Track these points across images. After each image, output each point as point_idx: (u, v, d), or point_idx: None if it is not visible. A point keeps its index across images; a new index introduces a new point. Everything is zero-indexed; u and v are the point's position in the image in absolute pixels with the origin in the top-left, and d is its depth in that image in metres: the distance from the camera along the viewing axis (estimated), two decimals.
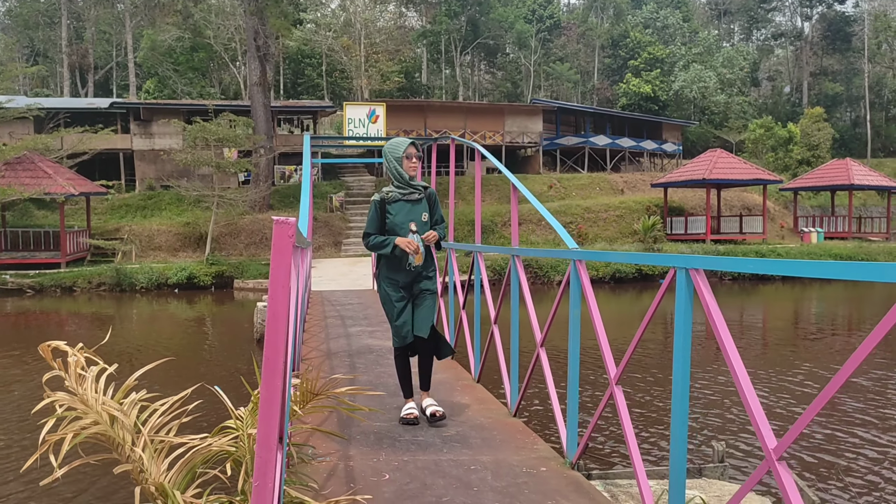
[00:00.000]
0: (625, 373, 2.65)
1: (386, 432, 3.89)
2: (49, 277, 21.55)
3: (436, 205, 4.50)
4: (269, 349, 1.28)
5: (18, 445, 6.02)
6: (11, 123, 28.22)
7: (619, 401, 2.85)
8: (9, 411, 7.56)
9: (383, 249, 4.28)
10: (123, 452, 2.11)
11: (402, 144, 4.37)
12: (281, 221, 1.29)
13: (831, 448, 6.23)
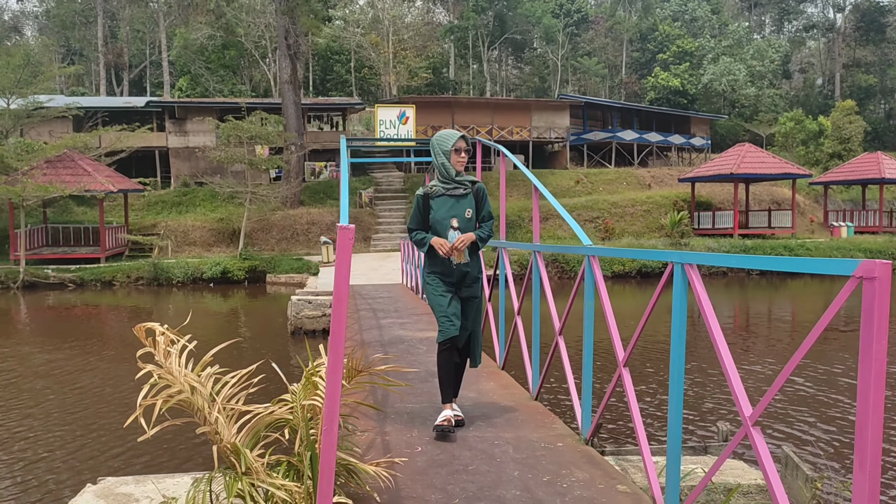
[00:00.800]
0: (644, 364, 2.92)
1: (418, 412, 4.26)
2: (89, 272, 22.26)
3: (483, 200, 4.30)
4: (335, 324, 1.64)
5: (107, 419, 7.22)
6: (51, 122, 29.09)
7: (627, 381, 3.17)
8: (91, 395, 8.44)
9: (421, 247, 4.24)
10: (202, 417, 2.51)
11: (451, 137, 4.18)
12: (343, 227, 1.65)
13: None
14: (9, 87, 24.91)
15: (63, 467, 5.88)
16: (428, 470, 3.22)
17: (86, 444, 6.59)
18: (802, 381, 9.37)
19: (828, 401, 8.22)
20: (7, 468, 5.92)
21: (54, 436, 6.85)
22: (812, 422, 7.25)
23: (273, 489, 2.36)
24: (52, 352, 11.91)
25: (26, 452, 6.31)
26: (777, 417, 7.38)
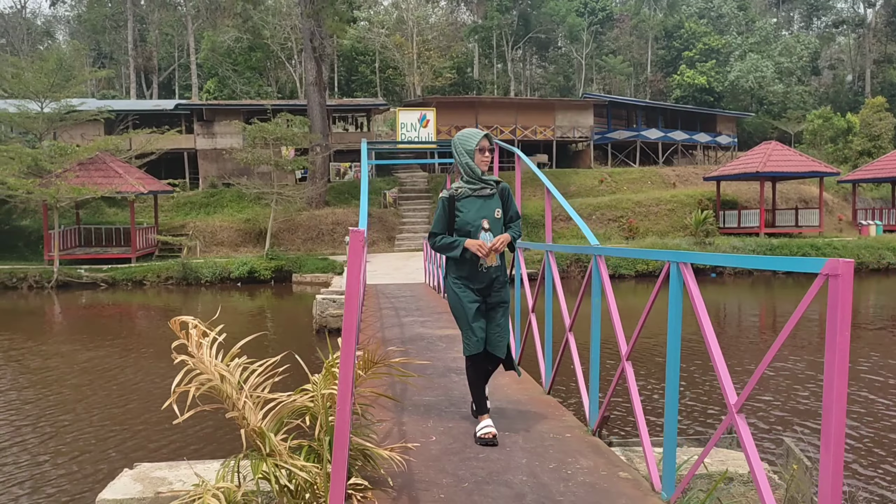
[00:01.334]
0: (653, 360, 3.05)
1: (434, 405, 4.45)
2: (121, 272, 22.77)
3: (509, 200, 4.14)
4: (347, 318, 1.84)
5: (143, 411, 7.80)
6: (83, 125, 29.75)
7: (629, 375, 3.34)
8: (128, 390, 8.99)
9: (452, 252, 3.96)
10: (231, 403, 2.73)
11: (474, 136, 4.02)
12: (355, 231, 1.85)
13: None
14: (42, 91, 25.55)
15: (102, 455, 6.40)
16: (441, 457, 3.42)
17: (123, 433, 7.09)
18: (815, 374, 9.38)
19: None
20: (52, 456, 6.40)
21: (95, 426, 7.35)
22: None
23: (295, 470, 2.58)
24: (93, 349, 12.38)
25: (69, 442, 6.80)
26: (786, 410, 7.47)
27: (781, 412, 7.39)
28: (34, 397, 8.76)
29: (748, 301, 19.96)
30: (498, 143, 8.69)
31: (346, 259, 12.74)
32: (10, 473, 5.96)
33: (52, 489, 5.60)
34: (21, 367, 10.91)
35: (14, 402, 8.50)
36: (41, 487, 5.63)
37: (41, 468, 6.08)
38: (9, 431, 7.23)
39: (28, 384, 9.57)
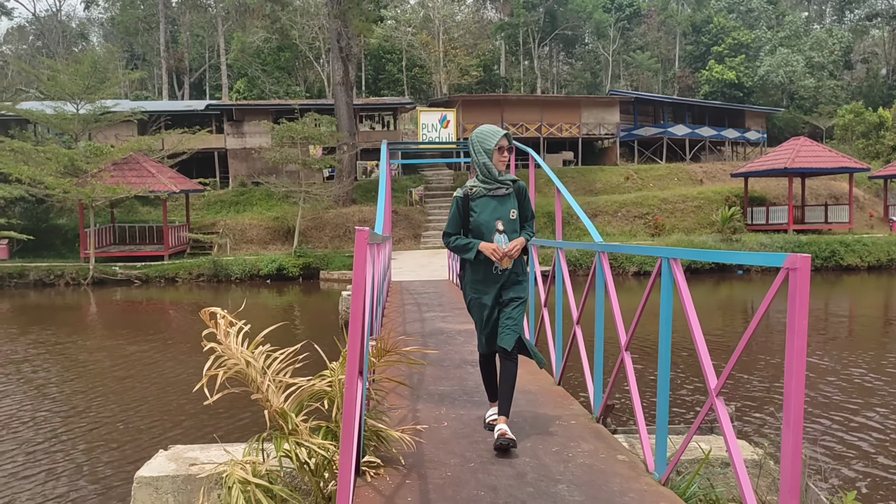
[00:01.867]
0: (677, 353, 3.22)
1: (447, 394, 4.68)
2: (154, 269, 23.37)
3: (525, 200, 4.06)
4: (354, 307, 2.07)
5: (177, 400, 8.47)
6: (117, 126, 30.48)
7: (628, 364, 3.53)
8: (163, 381, 9.67)
9: (466, 254, 3.92)
10: (255, 386, 2.99)
11: (493, 136, 3.92)
12: (361, 230, 2.08)
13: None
14: (78, 93, 26.25)
15: (141, 438, 7.03)
16: (450, 440, 3.65)
17: (162, 420, 7.75)
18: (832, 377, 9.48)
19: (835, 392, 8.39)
20: (96, 439, 7.11)
21: (135, 414, 8.03)
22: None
23: (314, 447, 2.83)
24: (134, 344, 12.98)
25: (113, 427, 7.47)
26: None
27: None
28: (82, 388, 9.36)
29: (779, 299, 19.86)
30: (519, 145, 8.83)
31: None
32: (64, 453, 6.62)
33: (98, 467, 6.24)
34: (68, 359, 11.53)
35: (64, 391, 9.11)
36: (88, 466, 6.29)
37: (89, 450, 6.75)
38: (60, 418, 7.84)
39: (75, 376, 10.15)
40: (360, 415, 2.69)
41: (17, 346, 12.68)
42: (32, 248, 25.18)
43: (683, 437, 3.49)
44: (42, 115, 26.80)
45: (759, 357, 10.79)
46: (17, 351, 12.26)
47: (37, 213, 27.11)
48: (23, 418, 7.90)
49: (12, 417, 7.93)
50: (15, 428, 7.52)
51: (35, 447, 6.82)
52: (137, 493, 3.41)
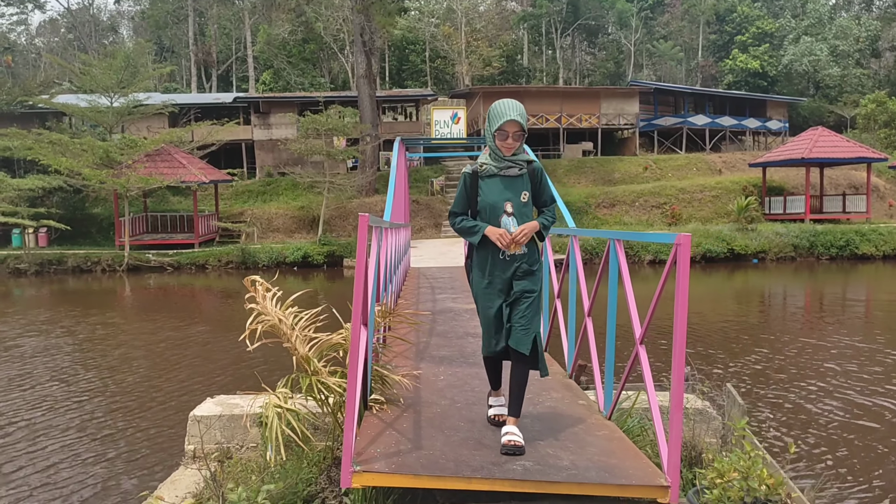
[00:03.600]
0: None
1: (447, 357, 5.39)
2: (185, 256, 24.38)
3: (542, 182, 3.70)
4: (358, 268, 2.83)
5: (220, 363, 10.09)
6: (149, 118, 31.57)
7: (590, 329, 4.25)
8: (206, 350, 10.96)
9: (471, 237, 3.61)
10: (286, 338, 3.77)
11: (498, 116, 3.50)
12: (363, 215, 2.83)
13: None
14: (111, 87, 27.34)
15: (192, 390, 8.70)
16: (444, 388, 4.39)
17: (203, 377, 9.46)
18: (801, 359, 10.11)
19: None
20: (159, 392, 8.85)
21: (187, 375, 9.70)
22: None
23: (330, 383, 3.60)
24: (175, 322, 14.34)
25: (172, 384, 9.25)
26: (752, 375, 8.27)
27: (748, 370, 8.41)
28: (143, 356, 11.24)
29: (795, 287, 20.35)
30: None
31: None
32: (138, 401, 8.41)
33: (162, 409, 8.02)
34: (123, 334, 13.25)
35: (130, 361, 10.82)
36: (155, 407, 8.13)
37: (154, 399, 8.53)
38: (132, 379, 9.64)
39: (137, 347, 11.92)
40: (366, 359, 3.44)
41: (78, 324, 14.02)
42: (69, 236, 26.31)
43: (643, 388, 4.22)
44: (77, 108, 27.95)
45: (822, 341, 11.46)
46: (76, 327, 13.35)
47: (73, 203, 28.25)
48: (100, 375, 9.81)
49: (90, 375, 9.78)
50: (94, 375, 9.75)
51: (111, 395, 8.78)
52: (191, 428, 4.24)
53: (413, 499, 3.10)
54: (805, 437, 6.46)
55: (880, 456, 6.05)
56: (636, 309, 3.39)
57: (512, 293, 3.58)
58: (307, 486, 3.38)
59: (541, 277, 3.70)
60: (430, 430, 3.53)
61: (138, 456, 6.13)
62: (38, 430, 7.06)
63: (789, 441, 3.93)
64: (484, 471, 2.98)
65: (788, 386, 8.42)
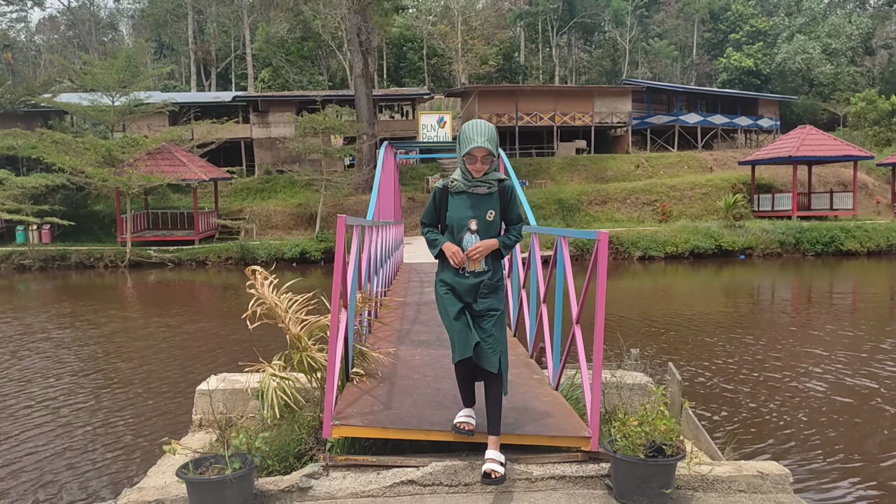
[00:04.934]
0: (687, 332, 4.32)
1: (425, 341, 5.97)
2: (185, 252, 24.97)
3: (511, 201, 3.72)
4: (337, 258, 3.46)
5: (223, 348, 10.86)
6: (150, 117, 32.14)
7: (544, 314, 4.86)
8: (208, 338, 11.70)
9: (431, 249, 3.75)
10: (280, 319, 4.38)
11: (470, 141, 3.52)
12: (341, 216, 3.45)
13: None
14: (112, 86, 27.90)
15: (199, 368, 9.60)
16: (418, 366, 4.99)
17: (206, 359, 10.36)
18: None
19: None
20: (169, 371, 9.83)
21: (194, 358, 10.62)
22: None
23: (318, 357, 4.21)
24: (180, 314, 15.10)
25: (180, 365, 10.20)
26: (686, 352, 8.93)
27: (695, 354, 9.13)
28: (158, 343, 12.15)
29: (782, 282, 20.92)
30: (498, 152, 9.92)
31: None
32: (147, 379, 9.44)
33: (170, 386, 8.91)
34: (129, 323, 14.16)
35: (143, 349, 11.67)
36: (165, 384, 9.05)
37: (165, 375, 9.57)
38: (147, 358, 10.70)
39: (153, 336, 12.78)
40: (346, 336, 4.05)
41: (91, 316, 14.82)
42: (72, 232, 26.88)
43: (609, 369, 4.86)
44: (80, 107, 28.52)
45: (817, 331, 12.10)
46: (87, 319, 13.99)
47: (76, 200, 28.81)
48: (109, 359, 10.85)
49: (105, 356, 10.97)
50: (109, 360, 10.78)
51: (122, 372, 9.93)
52: (198, 401, 4.86)
53: (384, 449, 3.73)
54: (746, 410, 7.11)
55: (822, 422, 6.69)
56: (574, 295, 4.01)
57: (477, 307, 3.64)
58: (297, 444, 4.00)
59: (503, 296, 3.76)
60: (401, 395, 4.15)
61: (149, 426, 7.03)
62: (65, 401, 8.24)
63: (684, 400, 4.51)
64: (441, 425, 3.61)
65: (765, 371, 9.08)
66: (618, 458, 3.25)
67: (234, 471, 3.12)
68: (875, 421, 6.98)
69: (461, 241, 3.65)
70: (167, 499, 3.28)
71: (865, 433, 6.62)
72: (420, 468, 3.43)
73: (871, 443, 6.32)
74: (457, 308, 3.64)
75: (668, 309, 15.20)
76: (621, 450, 3.27)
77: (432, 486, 3.37)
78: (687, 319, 13.49)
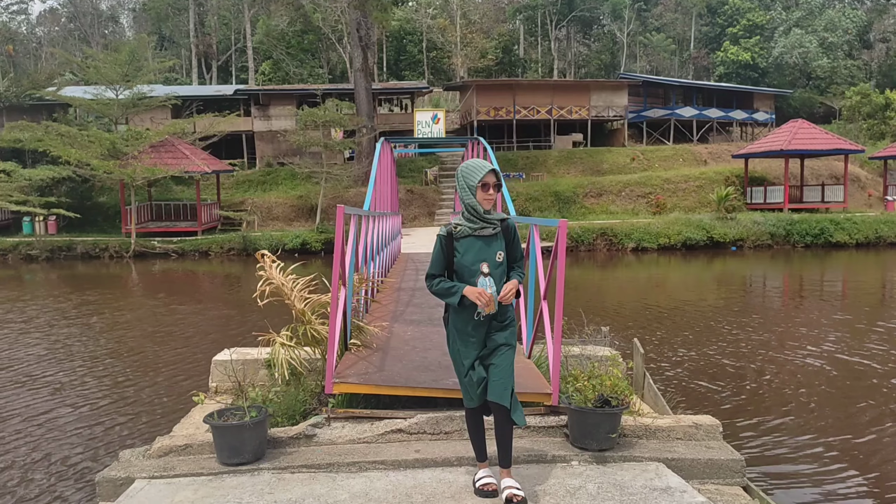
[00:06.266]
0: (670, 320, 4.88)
1: (417, 320, 6.58)
2: (189, 243, 25.52)
3: (515, 239, 3.79)
4: (336, 247, 4.04)
5: (233, 328, 10.89)
6: (153, 110, 32.68)
7: (545, 309, 5.45)
8: (218, 321, 12.30)
9: (450, 298, 3.66)
10: (286, 297, 4.97)
11: (478, 170, 3.65)
12: (340, 206, 4.03)
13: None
14: (117, 81, 28.43)
15: (211, 346, 10.00)
16: (409, 340, 5.60)
17: (219, 336, 11.29)
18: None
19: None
20: (187, 347, 10.72)
21: (211, 337, 11.42)
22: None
23: (319, 329, 4.82)
24: (191, 301, 15.73)
25: (197, 343, 11.06)
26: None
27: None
28: (173, 323, 13.04)
29: (773, 272, 21.48)
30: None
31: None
32: (173, 351, 10.44)
33: (190, 361, 9.63)
34: (144, 310, 14.88)
35: (167, 327, 12.60)
36: (184, 358, 9.93)
37: (184, 349, 10.52)
38: (171, 337, 11.61)
39: (172, 322, 13.43)
40: (345, 309, 4.66)
41: (118, 303, 15.35)
42: (77, 224, 27.45)
43: (573, 342, 5.47)
44: (84, 101, 29.05)
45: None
46: (102, 306, 14.63)
47: (81, 192, 29.34)
48: (134, 336, 11.85)
49: (126, 337, 11.79)
50: (146, 340, 11.60)
51: (146, 347, 10.93)
52: (214, 370, 5.48)
53: (377, 404, 4.34)
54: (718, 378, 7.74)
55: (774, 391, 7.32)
56: (543, 274, 4.61)
57: (489, 345, 3.68)
58: (303, 405, 4.60)
59: (514, 332, 3.80)
60: (393, 361, 4.77)
61: (171, 392, 7.98)
62: (97, 373, 9.26)
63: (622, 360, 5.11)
64: (426, 384, 4.23)
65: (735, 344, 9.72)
66: (572, 409, 3.87)
67: (252, 418, 3.73)
68: (856, 393, 7.68)
69: (475, 285, 3.62)
70: (194, 443, 3.90)
71: (843, 403, 7.30)
72: (407, 419, 4.05)
73: (854, 412, 7.02)
74: (471, 357, 3.67)
75: (663, 297, 15.85)
76: (575, 402, 3.88)
77: (417, 434, 3.99)
78: (680, 305, 14.15)
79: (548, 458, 3.88)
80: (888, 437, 6.29)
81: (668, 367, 8.75)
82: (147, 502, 3.40)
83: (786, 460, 5.69)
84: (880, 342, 10.34)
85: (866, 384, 8.13)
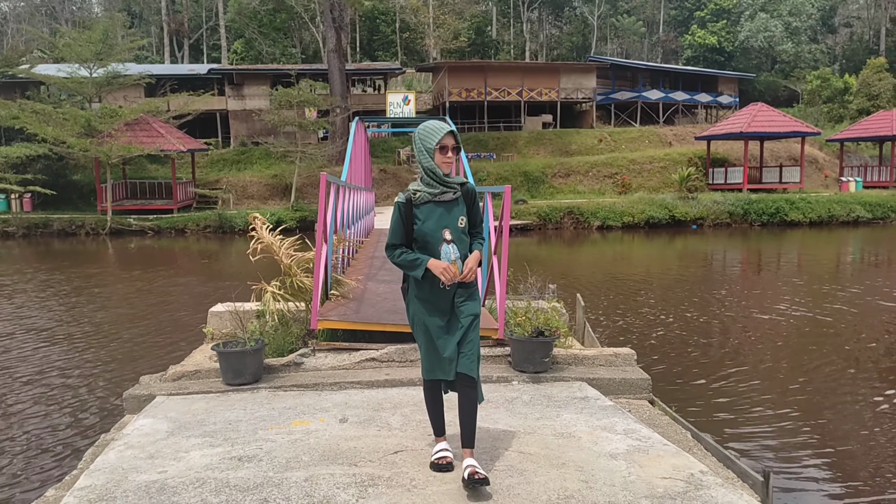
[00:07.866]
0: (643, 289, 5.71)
1: (388, 280, 7.32)
2: (165, 221, 25.97)
3: (475, 204, 3.65)
4: (320, 209, 4.82)
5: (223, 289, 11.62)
6: (126, 89, 32.83)
7: (495, 266, 6.30)
8: (206, 286, 12.68)
9: (413, 271, 3.50)
10: (275, 253, 5.77)
11: (436, 132, 3.50)
12: (323, 173, 4.80)
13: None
14: (90, 59, 28.60)
15: (206, 301, 10.62)
16: (381, 293, 6.43)
17: (211, 295, 11.97)
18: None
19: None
20: (185, 305, 12.11)
21: (208, 297, 11.94)
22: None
23: (304, 280, 5.63)
24: (174, 273, 16.34)
25: (194, 303, 12.08)
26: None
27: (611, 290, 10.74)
28: (170, 289, 14.13)
29: (732, 251, 22.59)
30: (460, 142, 11.38)
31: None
32: (168, 312, 11.47)
33: (189, 316, 10.71)
34: (134, 280, 15.67)
35: (162, 295, 13.61)
36: (186, 314, 11.14)
37: (185, 308, 11.77)
38: (165, 303, 12.39)
39: (159, 289, 14.38)
40: (326, 263, 5.46)
41: (104, 280, 15.86)
42: (52, 201, 27.70)
43: (523, 298, 6.36)
44: (58, 79, 29.17)
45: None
46: (85, 277, 15.23)
47: (55, 170, 29.50)
48: (130, 302, 12.60)
49: (124, 303, 12.50)
50: (137, 304, 12.37)
51: (150, 304, 12.17)
52: (210, 319, 6.25)
53: (353, 339, 5.18)
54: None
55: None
56: (495, 237, 5.48)
57: (457, 314, 3.53)
58: (290, 345, 5.40)
59: (479, 300, 3.69)
60: (367, 306, 5.62)
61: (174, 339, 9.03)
62: (106, 327, 10.50)
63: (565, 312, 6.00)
64: (394, 322, 5.09)
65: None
66: (514, 339, 4.76)
67: (252, 346, 4.55)
68: (796, 341, 8.70)
69: (438, 254, 3.46)
70: (202, 369, 4.71)
71: (788, 351, 8.32)
72: (379, 350, 4.91)
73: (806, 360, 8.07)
74: (434, 324, 3.52)
75: (627, 269, 16.89)
76: (516, 334, 4.77)
77: (388, 362, 4.85)
78: (644, 276, 15.18)
79: (493, 379, 4.75)
80: (818, 370, 7.31)
81: (622, 327, 9.72)
82: (168, 411, 4.19)
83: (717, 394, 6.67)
84: (830, 303, 11.55)
85: (807, 334, 9.29)
